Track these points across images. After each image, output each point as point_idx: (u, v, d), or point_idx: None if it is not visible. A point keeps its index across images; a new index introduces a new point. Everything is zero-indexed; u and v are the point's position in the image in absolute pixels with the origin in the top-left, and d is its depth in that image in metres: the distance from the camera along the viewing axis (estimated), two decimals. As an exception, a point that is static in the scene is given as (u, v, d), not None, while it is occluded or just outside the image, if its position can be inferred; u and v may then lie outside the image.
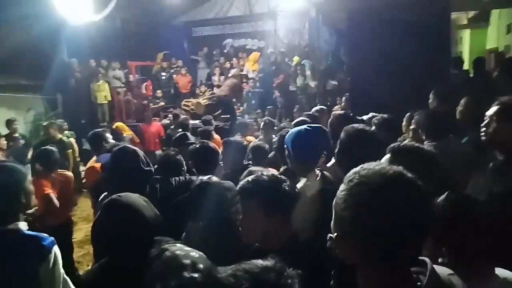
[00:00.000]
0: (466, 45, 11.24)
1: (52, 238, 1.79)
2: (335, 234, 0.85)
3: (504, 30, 8.29)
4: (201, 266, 1.40)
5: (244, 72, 11.59)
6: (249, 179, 1.71)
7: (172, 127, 7.44)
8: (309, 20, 11.53)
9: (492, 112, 1.79)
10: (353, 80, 5.58)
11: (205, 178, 2.43)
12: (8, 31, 8.05)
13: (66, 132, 7.23)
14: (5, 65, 7.96)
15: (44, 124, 6.98)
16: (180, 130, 5.76)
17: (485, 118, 1.81)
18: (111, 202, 1.63)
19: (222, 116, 8.97)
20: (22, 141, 6.50)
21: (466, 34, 11.22)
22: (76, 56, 10.54)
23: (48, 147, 3.91)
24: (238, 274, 0.86)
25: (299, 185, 2.20)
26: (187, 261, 1.40)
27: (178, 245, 1.54)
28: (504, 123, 1.74)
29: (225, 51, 13.51)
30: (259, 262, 0.89)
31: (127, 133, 4.91)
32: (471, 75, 6.07)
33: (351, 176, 0.84)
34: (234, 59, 12.64)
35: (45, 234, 1.79)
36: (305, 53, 11.35)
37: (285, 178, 1.74)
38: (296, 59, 11.04)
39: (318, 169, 2.43)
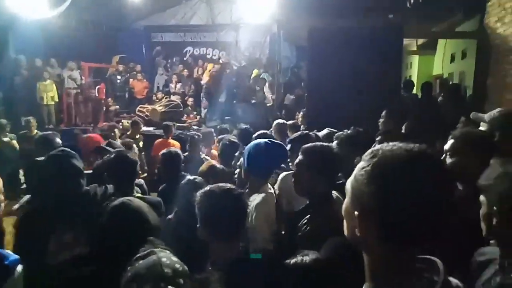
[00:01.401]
0: (415, 70, 12.00)
1: (17, 256, 1.62)
2: (355, 213, 0.83)
3: (449, 59, 8.92)
4: (180, 281, 1.39)
5: (202, 82, 11.54)
6: (201, 192, 1.70)
7: (128, 132, 7.19)
8: (270, 35, 11.73)
9: (447, 147, 1.82)
10: (310, 96, 5.73)
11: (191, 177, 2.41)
12: None
13: (8, 134, 6.75)
14: None
15: (25, 119, 6.70)
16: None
17: (443, 151, 1.84)
18: (121, 205, 1.63)
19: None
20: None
21: (415, 60, 11.99)
22: (27, 54, 9.91)
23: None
24: None
25: (255, 202, 2.18)
26: (169, 271, 1.38)
27: (168, 252, 1.52)
28: (459, 156, 1.76)
29: (185, 58, 13.38)
30: None
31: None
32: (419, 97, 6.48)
33: (374, 152, 0.83)
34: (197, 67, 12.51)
35: (9, 252, 1.63)
36: (264, 66, 11.50)
37: (238, 190, 1.73)
38: (255, 72, 11.15)
39: (270, 184, 2.43)
